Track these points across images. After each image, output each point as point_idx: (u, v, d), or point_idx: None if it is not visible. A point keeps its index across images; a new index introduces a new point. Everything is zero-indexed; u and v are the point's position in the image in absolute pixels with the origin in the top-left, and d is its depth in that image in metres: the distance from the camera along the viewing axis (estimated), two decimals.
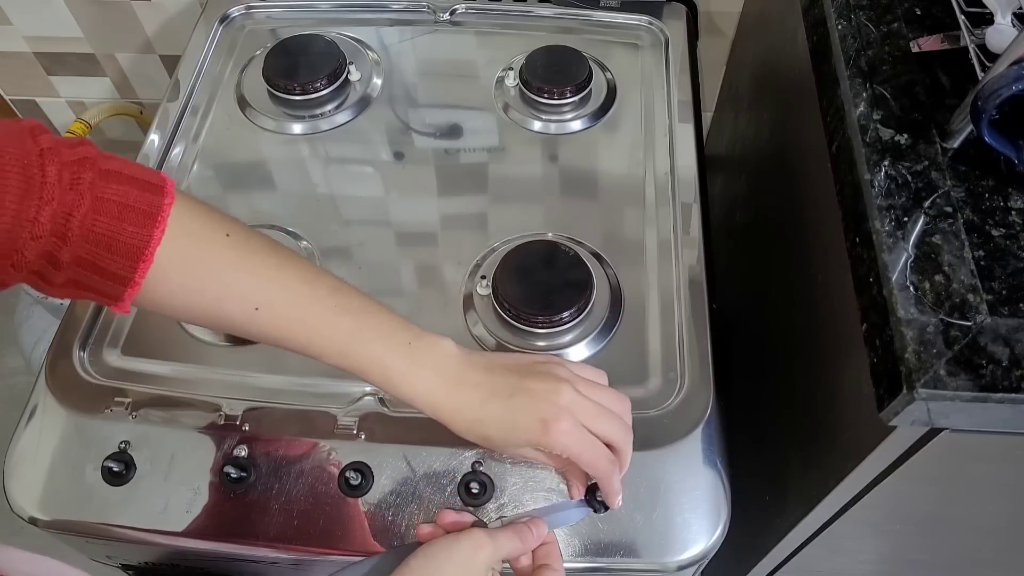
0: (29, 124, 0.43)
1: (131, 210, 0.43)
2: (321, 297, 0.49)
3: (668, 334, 0.65)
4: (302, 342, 0.49)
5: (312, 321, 0.48)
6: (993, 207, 0.51)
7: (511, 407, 0.50)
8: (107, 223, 0.43)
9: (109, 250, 0.43)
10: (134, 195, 0.44)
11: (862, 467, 0.53)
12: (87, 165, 0.43)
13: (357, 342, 0.49)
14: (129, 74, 1.20)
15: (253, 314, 0.48)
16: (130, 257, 0.44)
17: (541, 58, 0.81)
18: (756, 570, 0.77)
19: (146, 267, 0.44)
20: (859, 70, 0.57)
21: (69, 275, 0.43)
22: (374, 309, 0.50)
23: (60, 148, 0.42)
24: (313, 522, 0.57)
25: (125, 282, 0.44)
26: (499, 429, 0.50)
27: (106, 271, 0.44)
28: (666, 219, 0.72)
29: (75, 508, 0.58)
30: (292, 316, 0.48)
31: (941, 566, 0.75)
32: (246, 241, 0.48)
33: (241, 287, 0.47)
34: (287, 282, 0.48)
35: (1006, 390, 0.43)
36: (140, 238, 0.43)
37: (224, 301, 0.48)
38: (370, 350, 0.49)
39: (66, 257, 0.42)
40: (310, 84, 0.80)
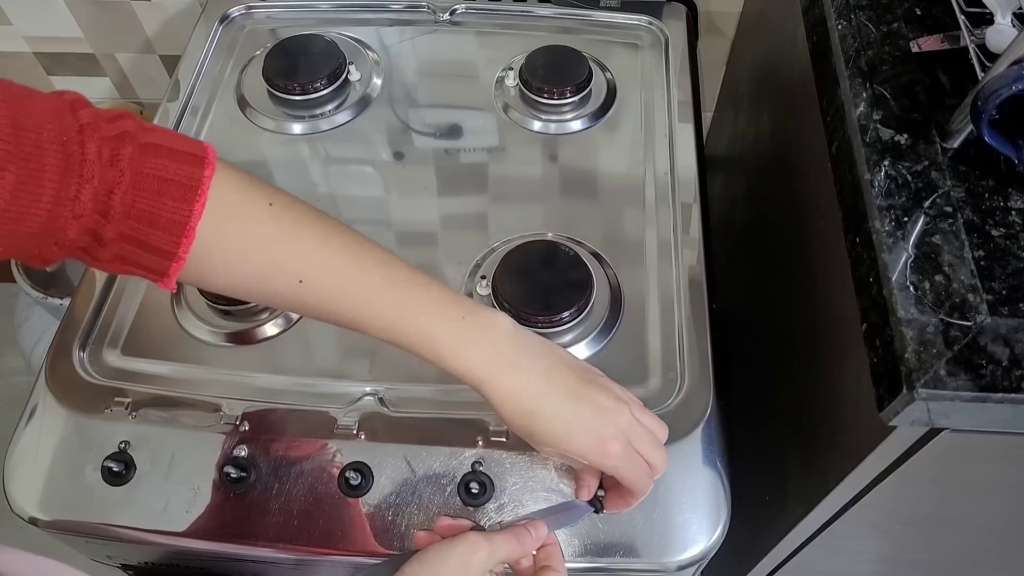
0: (70, 98, 0.42)
1: (171, 184, 0.43)
2: (367, 268, 0.48)
3: (668, 334, 0.65)
4: (348, 315, 0.48)
5: (357, 294, 0.47)
6: (993, 207, 0.51)
7: (572, 412, 0.48)
8: (148, 199, 0.42)
9: (152, 225, 0.43)
10: (173, 168, 0.43)
11: (862, 467, 0.53)
12: (127, 140, 0.42)
13: (404, 316, 0.47)
14: (129, 74, 1.20)
15: (297, 287, 0.46)
16: (172, 232, 0.43)
17: (541, 58, 0.81)
18: (756, 570, 0.77)
19: (189, 242, 0.43)
20: (859, 70, 0.57)
21: (115, 251, 0.43)
22: (424, 282, 0.49)
23: (99, 123, 0.42)
24: (313, 522, 0.57)
25: (170, 256, 0.44)
26: (552, 430, 0.48)
27: (150, 246, 0.43)
28: (666, 219, 0.72)
29: (75, 508, 0.58)
30: (337, 289, 0.47)
31: (941, 566, 0.75)
32: (289, 211, 0.47)
33: (284, 259, 0.46)
34: (332, 254, 0.47)
35: (1006, 390, 0.43)
36: (181, 213, 0.43)
37: (268, 274, 0.47)
38: (418, 324, 0.47)
39: (110, 234, 0.42)
40: (310, 84, 0.80)
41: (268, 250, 0.46)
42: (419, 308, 0.48)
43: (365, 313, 0.47)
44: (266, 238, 0.46)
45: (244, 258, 0.46)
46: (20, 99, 0.39)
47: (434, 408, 0.61)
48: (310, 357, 0.65)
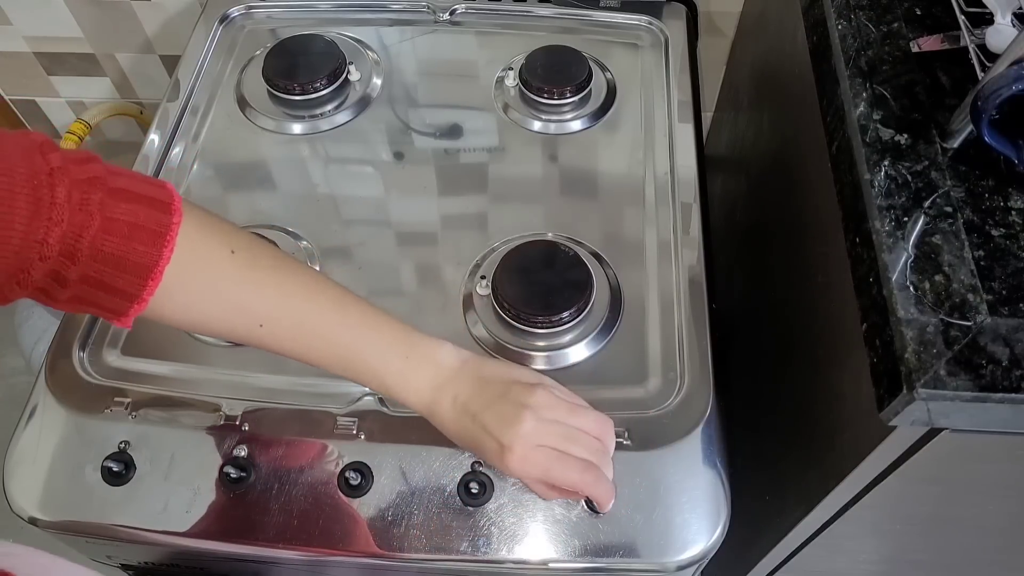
0: (39, 140, 0.43)
1: (140, 229, 0.44)
2: (322, 311, 0.51)
3: (668, 334, 0.65)
4: (302, 355, 0.52)
5: (312, 337, 0.51)
6: (993, 207, 0.51)
7: (474, 429, 0.52)
8: (116, 243, 0.43)
9: (118, 268, 0.44)
10: (143, 214, 0.44)
11: (862, 467, 0.53)
12: (96, 184, 0.43)
13: (355, 356, 0.51)
14: (129, 74, 1.20)
15: (257, 329, 0.49)
16: (139, 275, 0.44)
17: (541, 58, 0.81)
18: (756, 570, 0.77)
19: (155, 285, 0.45)
20: (859, 70, 0.57)
21: (74, 292, 0.44)
22: (373, 322, 0.52)
23: (69, 166, 0.42)
24: (313, 522, 0.57)
25: (132, 299, 0.45)
26: (466, 446, 0.54)
27: (113, 288, 0.44)
28: (666, 219, 0.72)
29: (75, 508, 0.58)
30: (293, 331, 0.50)
31: (941, 566, 0.75)
32: (250, 257, 0.50)
33: (244, 304, 0.49)
34: (288, 298, 0.50)
35: (1006, 390, 0.43)
36: (149, 257, 0.44)
37: (228, 317, 0.49)
38: (367, 364, 0.52)
39: (73, 276, 0.43)
40: (310, 84, 0.80)
41: (228, 294, 0.49)
42: (369, 350, 0.52)
43: (320, 353, 0.52)
44: (227, 282, 0.48)
45: (205, 300, 0.48)
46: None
47: None
48: None
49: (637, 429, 0.59)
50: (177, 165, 0.77)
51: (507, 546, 0.56)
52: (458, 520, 0.57)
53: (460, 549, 0.56)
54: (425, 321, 0.66)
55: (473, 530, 0.57)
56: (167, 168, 0.77)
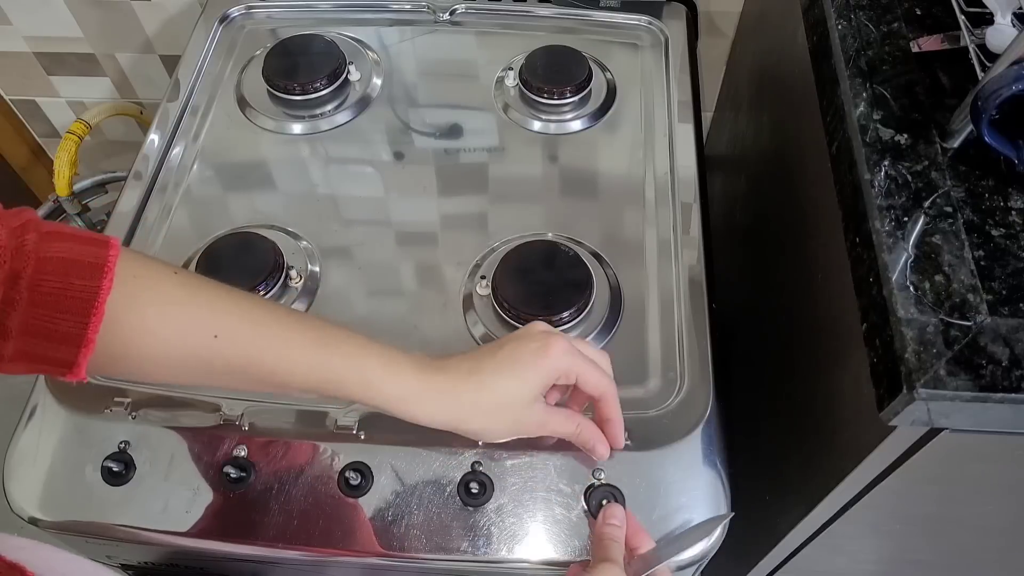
0: None
1: (76, 264, 0.42)
2: (281, 318, 0.48)
3: (668, 334, 0.65)
4: (269, 364, 0.47)
5: (277, 340, 0.47)
6: (993, 207, 0.51)
7: (503, 354, 0.50)
8: (54, 281, 0.41)
9: (58, 309, 0.42)
10: (78, 249, 0.43)
11: (862, 467, 0.53)
12: (30, 227, 0.42)
13: (329, 354, 0.47)
14: (129, 74, 1.20)
15: (212, 343, 0.46)
16: (80, 313, 0.42)
17: (541, 58, 0.81)
18: (756, 570, 0.77)
19: (98, 320, 0.42)
20: (859, 70, 0.57)
21: (18, 346, 0.42)
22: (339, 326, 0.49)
23: (3, 214, 0.41)
24: (313, 522, 0.57)
25: (78, 342, 0.42)
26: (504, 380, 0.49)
27: (56, 333, 0.42)
28: (666, 219, 0.72)
29: (75, 508, 0.58)
30: (254, 336, 0.47)
31: (942, 566, 0.75)
32: (196, 278, 0.48)
33: (197, 317, 0.46)
34: (244, 308, 0.47)
35: (1006, 390, 0.43)
36: (88, 291, 0.42)
37: (183, 335, 0.46)
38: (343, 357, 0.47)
39: (14, 324, 0.41)
40: (310, 84, 0.80)
41: (181, 311, 0.46)
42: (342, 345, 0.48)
43: (287, 356, 0.47)
44: (177, 300, 0.46)
45: (154, 324, 0.45)
46: None
47: None
48: None
49: (637, 429, 0.59)
50: (177, 165, 0.77)
51: (507, 546, 0.56)
52: (458, 520, 0.57)
53: (460, 549, 0.56)
54: (425, 321, 0.66)
55: (473, 530, 0.57)
56: (167, 168, 0.77)
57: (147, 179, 0.76)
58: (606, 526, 0.54)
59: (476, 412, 0.49)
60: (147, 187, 0.75)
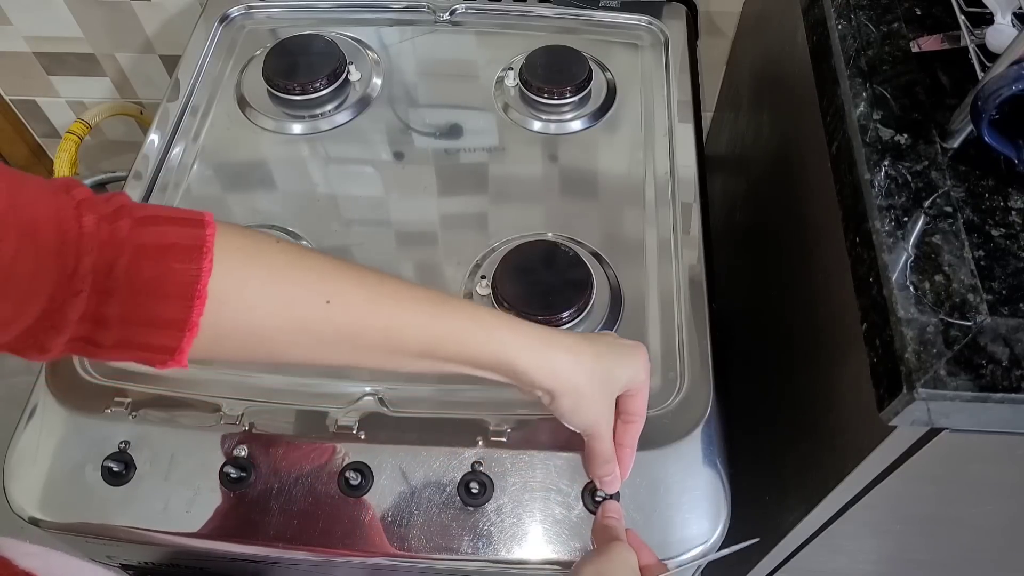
0: (63, 181, 0.41)
1: (174, 248, 0.41)
2: (389, 279, 0.47)
3: (668, 334, 0.65)
4: (382, 327, 0.46)
5: (391, 301, 0.46)
6: (993, 207, 0.51)
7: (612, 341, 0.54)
8: (152, 267, 0.40)
9: (159, 296, 0.40)
10: (175, 233, 0.41)
11: (862, 467, 0.53)
12: (123, 213, 0.41)
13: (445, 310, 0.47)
14: (129, 74, 1.20)
15: (325, 308, 0.44)
16: (183, 297, 0.40)
17: (541, 58, 0.81)
18: (756, 570, 0.77)
19: (201, 303, 0.41)
20: (859, 70, 0.57)
21: (118, 334, 0.41)
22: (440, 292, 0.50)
23: (95, 201, 0.40)
24: (313, 522, 0.57)
25: (182, 327, 0.41)
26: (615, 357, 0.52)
27: (159, 319, 0.41)
28: (666, 219, 0.72)
29: (75, 508, 0.58)
30: (366, 299, 0.46)
31: (941, 566, 0.75)
32: (297, 246, 0.48)
33: (306, 283, 0.45)
34: (352, 273, 0.47)
35: (1006, 390, 0.43)
36: (190, 274, 0.41)
37: (293, 301, 0.44)
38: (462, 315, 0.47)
39: (113, 313, 0.40)
40: (310, 84, 0.80)
41: (289, 278, 0.45)
42: (456, 304, 0.48)
43: (403, 318, 0.46)
44: (284, 268, 0.45)
45: (265, 297, 0.44)
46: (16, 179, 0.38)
47: (434, 408, 0.60)
48: None
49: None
50: (177, 165, 0.77)
51: (507, 546, 0.56)
52: (458, 520, 0.57)
53: (460, 549, 0.56)
54: None
55: (473, 530, 0.57)
56: (167, 168, 0.77)
57: (147, 179, 0.76)
58: (605, 519, 0.54)
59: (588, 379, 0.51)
60: (147, 187, 0.75)
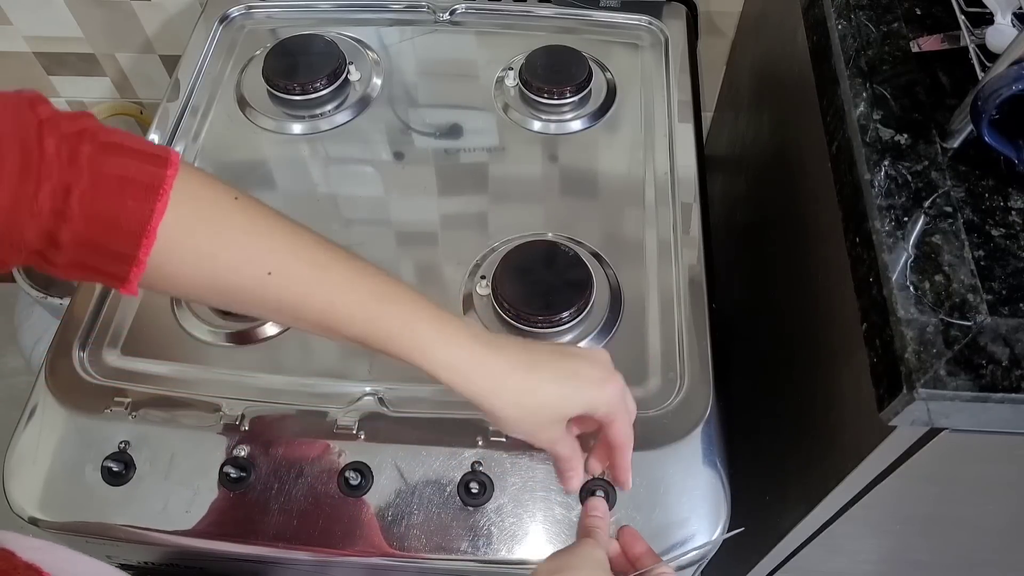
0: (28, 95, 0.41)
1: (132, 183, 0.41)
2: (340, 260, 0.46)
3: (668, 334, 0.65)
4: (319, 308, 0.45)
5: (332, 285, 0.45)
6: (993, 207, 0.51)
7: (565, 365, 0.48)
8: (107, 199, 0.40)
9: (110, 228, 0.41)
10: (135, 167, 0.41)
11: (862, 467, 0.53)
12: (86, 137, 0.41)
13: (383, 303, 0.45)
14: (129, 74, 1.20)
15: (266, 280, 0.44)
16: (132, 234, 0.41)
17: (541, 58, 0.81)
18: (756, 570, 0.77)
19: (149, 244, 0.42)
20: (859, 70, 0.57)
21: (71, 256, 0.41)
22: (393, 278, 0.47)
23: (59, 120, 0.40)
24: (313, 522, 0.57)
25: (130, 260, 0.42)
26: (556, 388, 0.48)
27: (108, 250, 0.42)
28: (666, 219, 0.72)
29: (75, 508, 0.58)
30: (310, 278, 0.45)
31: (941, 566, 0.75)
32: (255, 205, 0.46)
33: (254, 250, 0.45)
34: (302, 245, 0.46)
35: (1006, 390, 0.43)
36: (141, 213, 0.41)
37: (236, 267, 0.44)
38: (397, 311, 0.45)
39: (66, 237, 0.40)
40: (310, 84, 0.80)
41: (237, 240, 0.44)
42: (399, 297, 0.46)
43: (340, 303, 0.45)
44: (234, 228, 0.44)
45: (212, 251, 0.44)
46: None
47: (434, 408, 0.60)
48: (310, 357, 0.65)
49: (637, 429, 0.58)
50: None
51: (507, 546, 0.56)
52: (458, 520, 0.57)
53: (460, 549, 0.56)
54: None
55: (473, 530, 0.57)
56: None
57: None
58: (588, 518, 0.53)
59: (514, 404, 0.47)
60: None
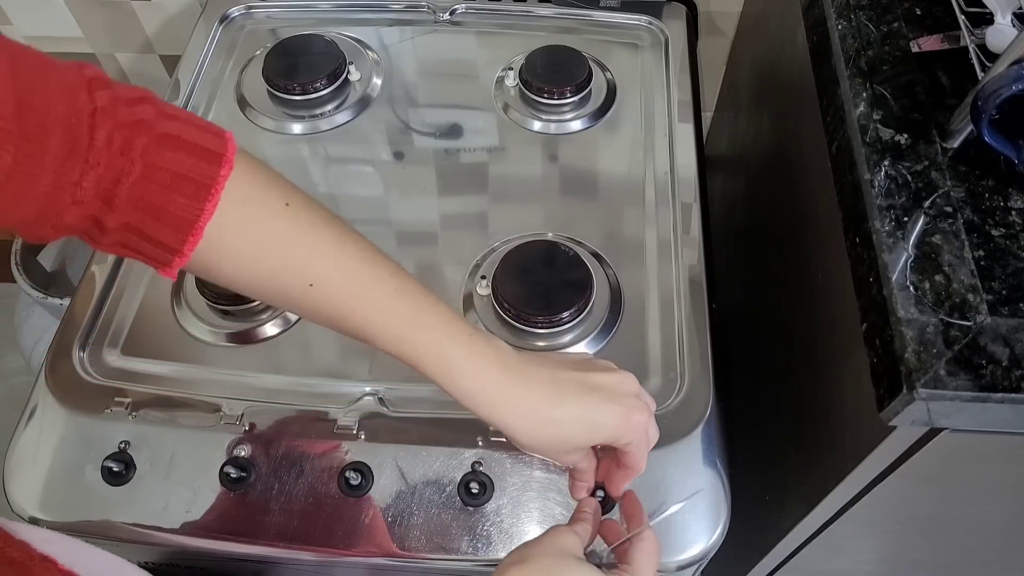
0: (89, 75, 0.40)
1: (184, 180, 0.41)
2: (381, 277, 0.46)
3: (668, 334, 0.65)
4: (357, 323, 0.46)
5: (370, 302, 0.46)
6: (993, 207, 0.51)
7: (590, 404, 0.47)
8: (157, 193, 0.41)
9: (158, 220, 0.41)
10: (189, 164, 0.41)
11: (862, 467, 0.53)
12: (142, 129, 0.41)
13: (416, 327, 0.46)
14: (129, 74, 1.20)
15: (307, 290, 0.45)
16: (179, 230, 0.42)
17: (541, 58, 0.81)
18: (756, 570, 0.77)
19: (195, 240, 0.42)
20: (859, 70, 0.57)
21: (117, 238, 0.42)
22: (433, 297, 0.47)
23: (116, 107, 0.40)
24: (313, 522, 0.57)
25: (174, 252, 0.43)
26: (580, 428, 0.47)
27: (155, 239, 0.42)
28: (666, 219, 0.72)
29: (75, 508, 0.58)
30: (349, 294, 0.46)
31: (941, 566, 0.75)
32: (306, 212, 0.46)
33: (297, 261, 0.45)
34: (346, 259, 0.46)
35: (1006, 390, 0.43)
36: (191, 211, 0.41)
37: (278, 274, 0.45)
38: (429, 337, 0.46)
39: (113, 223, 0.41)
40: (310, 84, 0.80)
41: (281, 250, 0.45)
42: (431, 320, 0.46)
43: (375, 322, 0.46)
44: (280, 237, 0.45)
45: (256, 256, 0.45)
46: (33, 72, 0.38)
47: (434, 408, 0.61)
48: (310, 357, 0.65)
49: None
50: None
51: (507, 546, 0.56)
52: (458, 520, 0.57)
53: (460, 549, 0.56)
54: None
55: (473, 530, 0.57)
56: None
57: None
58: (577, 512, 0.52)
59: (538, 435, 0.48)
60: None
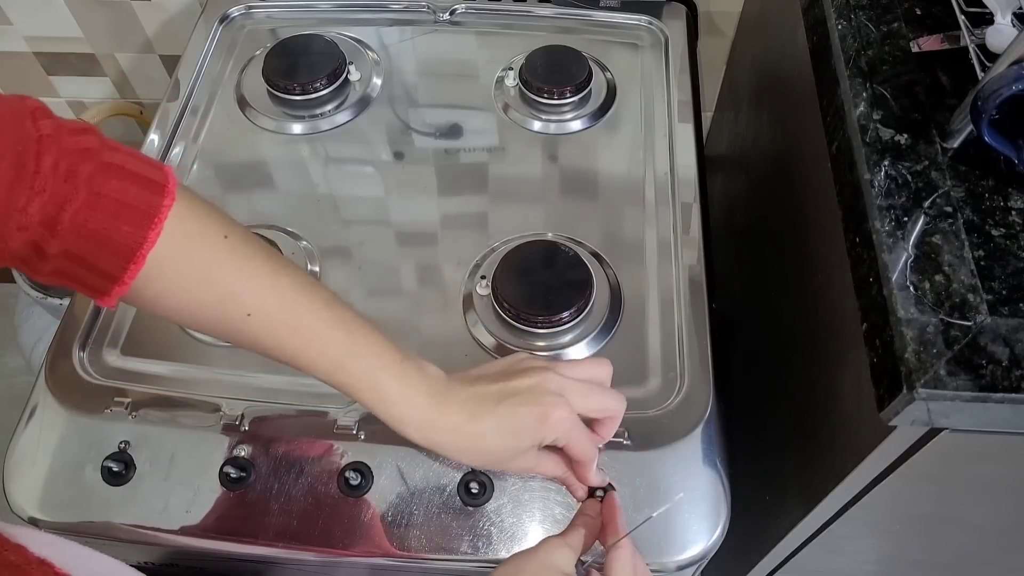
0: (32, 105, 0.41)
1: (128, 208, 0.42)
2: (316, 308, 0.48)
3: (668, 334, 0.65)
4: (292, 352, 0.48)
5: (306, 332, 0.47)
6: (993, 207, 0.51)
7: (505, 412, 0.48)
8: (101, 220, 0.41)
9: (100, 247, 0.42)
10: (133, 193, 0.42)
11: (862, 467, 0.53)
12: (88, 157, 0.41)
13: (350, 356, 0.48)
14: (129, 74, 1.20)
15: (245, 320, 0.47)
16: (121, 257, 0.43)
17: (541, 58, 0.81)
18: (756, 570, 0.77)
19: (137, 268, 0.43)
20: (859, 70, 0.57)
21: (56, 265, 0.42)
22: (368, 327, 0.49)
23: (61, 135, 0.41)
24: (313, 522, 0.57)
25: (113, 280, 0.43)
26: (499, 437, 0.49)
27: (95, 267, 0.43)
28: (666, 219, 0.72)
29: (75, 508, 0.58)
30: (285, 325, 0.47)
31: (941, 566, 0.75)
32: (244, 245, 0.47)
33: (235, 292, 0.47)
34: (283, 290, 0.47)
35: (1006, 390, 0.43)
36: (134, 239, 0.42)
37: (216, 305, 0.47)
38: (361, 365, 0.48)
39: (54, 249, 0.41)
40: (310, 84, 0.80)
41: (218, 281, 0.46)
42: (364, 350, 0.48)
43: (311, 352, 0.48)
44: (217, 269, 0.46)
45: (193, 286, 0.46)
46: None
47: None
48: None
49: (637, 429, 0.59)
50: (177, 165, 0.77)
51: (507, 546, 0.56)
52: (458, 520, 0.57)
53: (460, 549, 0.56)
54: (425, 321, 0.66)
55: (473, 530, 0.57)
56: None
57: None
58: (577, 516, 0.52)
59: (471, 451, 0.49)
60: None
